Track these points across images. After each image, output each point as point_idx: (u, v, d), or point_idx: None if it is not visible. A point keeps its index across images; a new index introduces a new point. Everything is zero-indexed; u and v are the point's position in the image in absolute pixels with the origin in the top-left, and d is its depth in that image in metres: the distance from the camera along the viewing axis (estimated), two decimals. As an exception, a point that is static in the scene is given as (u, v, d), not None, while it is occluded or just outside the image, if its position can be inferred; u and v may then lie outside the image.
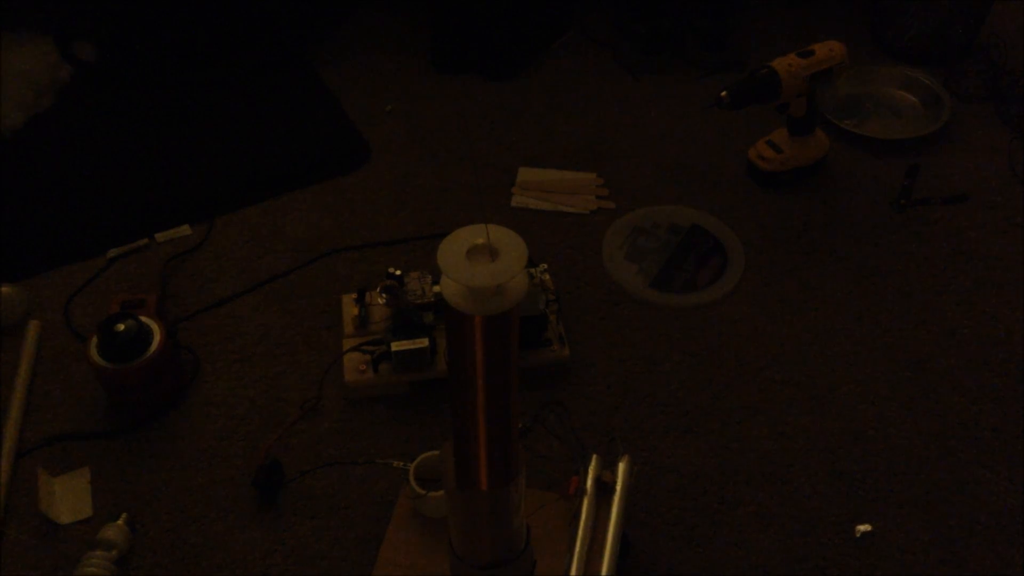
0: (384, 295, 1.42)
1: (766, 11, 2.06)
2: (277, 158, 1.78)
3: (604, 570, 1.09)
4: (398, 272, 1.43)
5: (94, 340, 1.34)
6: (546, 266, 1.49)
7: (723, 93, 1.54)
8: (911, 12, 1.90)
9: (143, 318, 1.36)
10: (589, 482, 1.15)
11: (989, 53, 1.93)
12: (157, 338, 1.35)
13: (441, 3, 1.94)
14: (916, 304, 1.52)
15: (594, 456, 1.19)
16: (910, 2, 1.88)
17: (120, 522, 1.24)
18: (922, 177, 1.70)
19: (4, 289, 1.49)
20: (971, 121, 1.83)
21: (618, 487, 1.16)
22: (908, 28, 1.92)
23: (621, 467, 1.18)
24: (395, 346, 1.36)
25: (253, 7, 1.98)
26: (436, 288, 1.43)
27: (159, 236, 1.63)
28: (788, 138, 1.69)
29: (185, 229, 1.65)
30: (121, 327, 1.33)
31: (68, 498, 1.29)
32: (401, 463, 1.28)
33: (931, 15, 1.88)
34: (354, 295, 1.47)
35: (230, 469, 1.33)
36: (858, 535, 1.25)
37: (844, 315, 1.51)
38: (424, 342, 1.37)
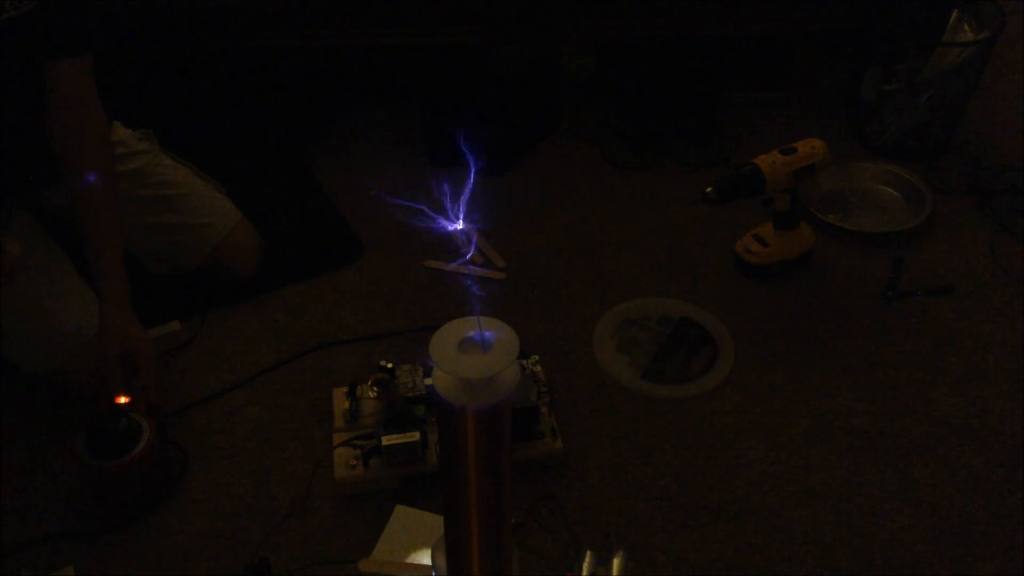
0: (375, 388, 1.42)
1: (749, 110, 2.12)
2: (269, 255, 1.79)
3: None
4: (390, 365, 1.43)
5: (82, 437, 1.32)
6: (538, 357, 1.50)
7: (708, 189, 1.57)
8: (891, 111, 1.95)
9: (133, 414, 1.35)
10: (583, 579, 1.13)
11: (968, 149, 1.98)
12: (146, 435, 1.33)
13: (432, 105, 1.99)
14: (908, 394, 1.52)
15: (588, 552, 1.17)
16: (889, 101, 1.94)
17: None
18: (907, 269, 1.73)
19: None
20: (953, 214, 1.86)
21: (612, 584, 1.14)
22: (888, 126, 1.97)
23: (615, 563, 1.16)
24: (386, 440, 1.35)
25: (247, 105, 2.03)
26: (428, 381, 1.43)
27: (150, 332, 1.63)
28: (774, 232, 1.71)
29: (175, 325, 1.65)
30: (111, 424, 1.32)
31: (50, 600, 1.26)
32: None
33: (910, 113, 1.94)
34: (345, 389, 1.47)
35: (217, 569, 1.30)
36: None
37: (834, 406, 1.51)
38: (415, 436, 1.36)
